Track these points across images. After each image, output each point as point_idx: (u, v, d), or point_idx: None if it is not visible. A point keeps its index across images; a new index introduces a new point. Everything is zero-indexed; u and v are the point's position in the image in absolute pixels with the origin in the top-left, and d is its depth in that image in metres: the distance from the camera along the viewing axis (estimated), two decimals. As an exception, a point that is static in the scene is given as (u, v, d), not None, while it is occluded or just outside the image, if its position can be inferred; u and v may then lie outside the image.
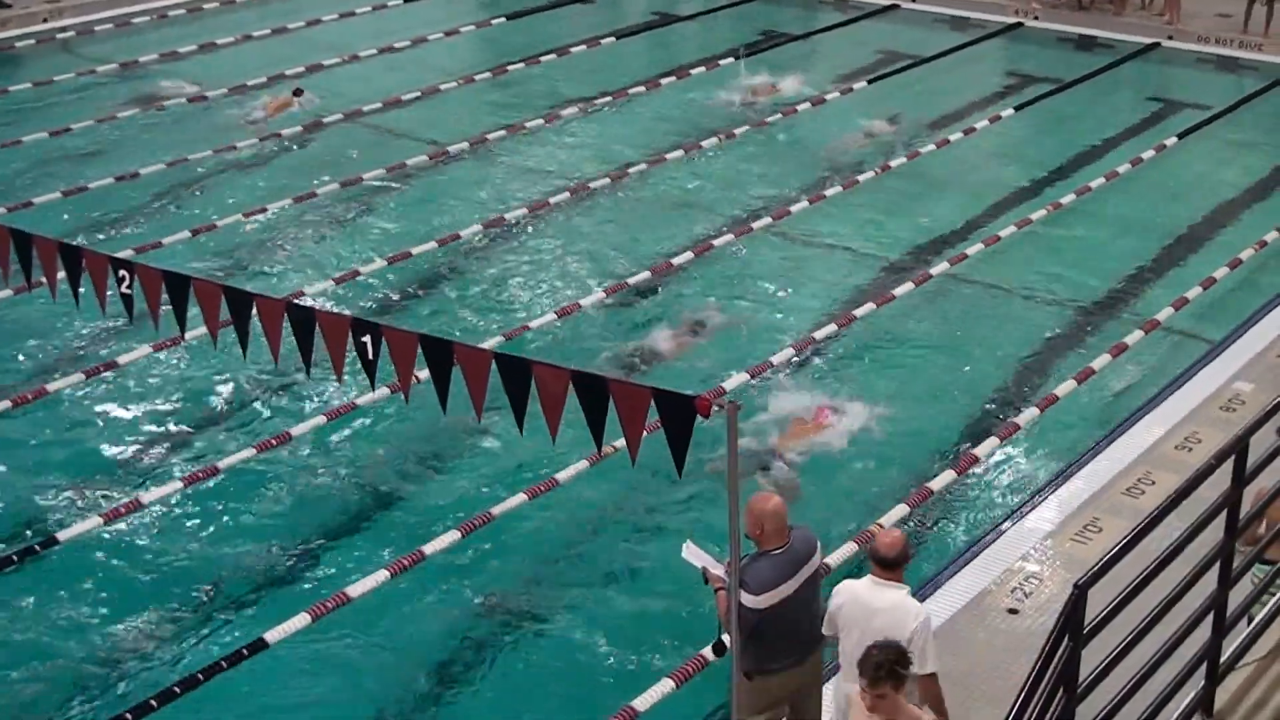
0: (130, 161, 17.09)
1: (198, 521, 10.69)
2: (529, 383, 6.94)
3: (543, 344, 13.21)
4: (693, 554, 7.23)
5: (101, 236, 15.19)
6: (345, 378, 8.13)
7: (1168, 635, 6.85)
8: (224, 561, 10.27)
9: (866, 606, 7.09)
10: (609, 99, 19.91)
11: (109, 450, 11.64)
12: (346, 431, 11.79)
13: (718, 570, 7.11)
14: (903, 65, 21.75)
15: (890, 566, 7.09)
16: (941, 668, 8.56)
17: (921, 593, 9.45)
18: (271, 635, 9.06)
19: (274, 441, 11.32)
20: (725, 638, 7.10)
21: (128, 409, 12.18)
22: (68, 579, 10.00)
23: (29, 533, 10.39)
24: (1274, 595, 7.92)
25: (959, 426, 12.13)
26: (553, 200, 16.45)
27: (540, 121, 18.98)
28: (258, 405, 12.29)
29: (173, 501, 10.76)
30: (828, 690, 8.09)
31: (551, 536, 10.58)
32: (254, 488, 11.06)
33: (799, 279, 14.89)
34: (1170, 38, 22.74)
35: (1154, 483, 10.45)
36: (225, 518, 10.74)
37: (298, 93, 19.55)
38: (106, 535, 10.36)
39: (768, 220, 15.95)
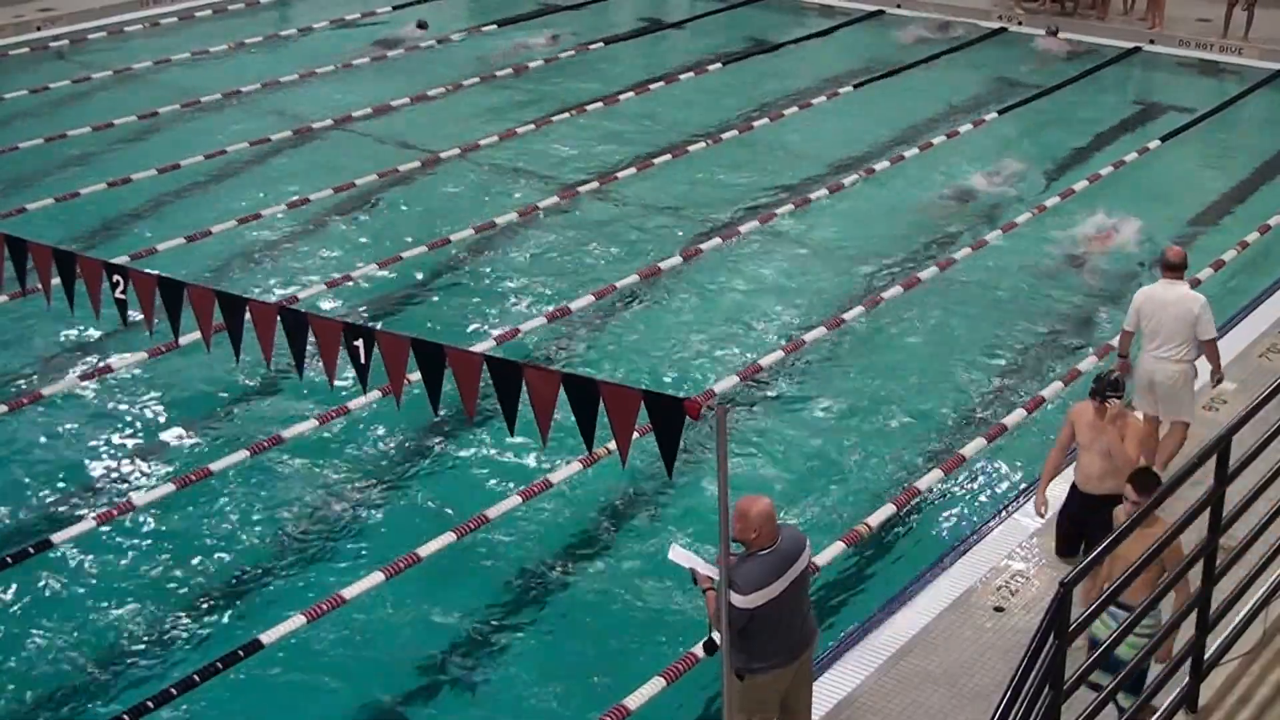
0: (124, 168, 17.14)
1: (191, 524, 10.73)
2: (520, 385, 7.03)
3: (533, 347, 13.31)
4: (679, 555, 7.26)
5: (96, 242, 15.24)
6: (338, 381, 8.18)
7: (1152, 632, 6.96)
8: (218, 563, 10.33)
9: (1161, 300, 10.08)
10: (599, 104, 20.00)
11: (103, 453, 11.68)
12: (339, 434, 11.86)
13: (706, 570, 7.17)
14: (888, 70, 21.91)
15: (1177, 269, 10.15)
16: (930, 665, 8.73)
17: (908, 591, 9.60)
18: (267, 636, 9.11)
19: (266, 444, 11.37)
20: (715, 636, 7.17)
21: (121, 413, 12.23)
22: (63, 582, 10.05)
23: (23, 536, 10.43)
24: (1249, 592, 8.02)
25: (946, 426, 12.24)
26: (542, 204, 16.54)
27: (530, 127, 19.07)
28: (250, 409, 12.36)
29: (166, 504, 10.81)
30: (819, 689, 8.21)
31: (544, 537, 10.66)
32: (247, 490, 11.11)
33: (785, 281, 14.98)
34: (1152, 42, 22.92)
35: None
36: (219, 521, 10.79)
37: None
38: (100, 538, 10.41)
39: (754, 224, 16.06)
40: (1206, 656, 7.52)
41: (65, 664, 9.32)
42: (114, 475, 11.39)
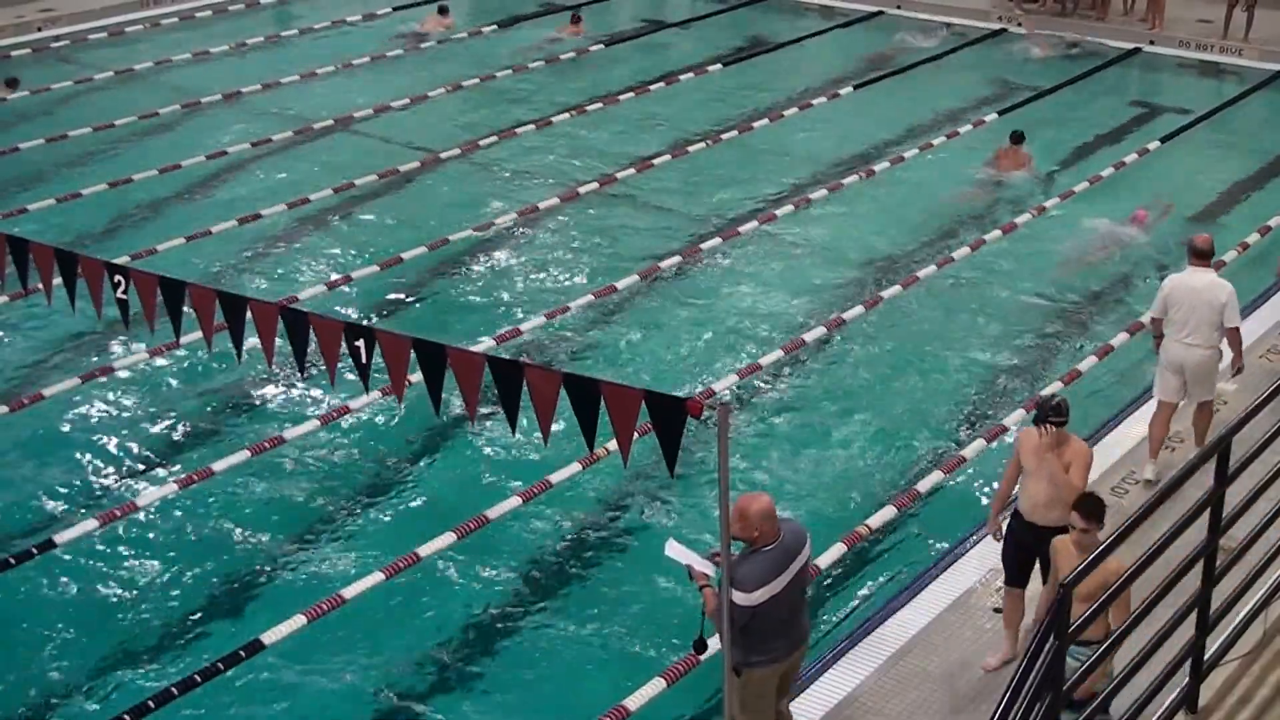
0: (125, 168, 17.14)
1: (193, 524, 10.75)
2: (521, 385, 7.04)
3: (533, 347, 13.32)
4: (677, 552, 7.24)
5: (97, 242, 15.25)
6: (339, 381, 8.20)
7: (1152, 633, 6.95)
8: (219, 564, 10.34)
9: (1191, 287, 10.31)
10: (599, 105, 20.02)
11: (105, 454, 11.69)
12: (340, 434, 11.87)
13: (702, 567, 7.17)
14: (888, 71, 21.94)
15: (1205, 256, 10.42)
16: (930, 665, 8.74)
17: (907, 591, 9.61)
18: (267, 637, 9.12)
19: (268, 444, 11.38)
20: (713, 638, 7.19)
21: (123, 413, 12.25)
22: (65, 582, 10.06)
23: (26, 536, 10.45)
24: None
25: (946, 428, 12.26)
26: (542, 205, 16.56)
27: (530, 127, 19.09)
28: (252, 408, 12.37)
29: (168, 504, 10.83)
30: (819, 688, 8.18)
31: (544, 538, 10.67)
32: (248, 491, 11.12)
33: (785, 281, 15.01)
34: (1152, 43, 22.95)
35: (1138, 481, 10.59)
36: (220, 520, 10.80)
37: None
38: (102, 538, 10.42)
39: (754, 224, 16.07)
40: (1206, 657, 7.52)
41: (66, 664, 9.33)
42: (116, 475, 11.40)
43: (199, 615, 9.81)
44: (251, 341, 8.29)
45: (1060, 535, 7.85)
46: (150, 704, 8.53)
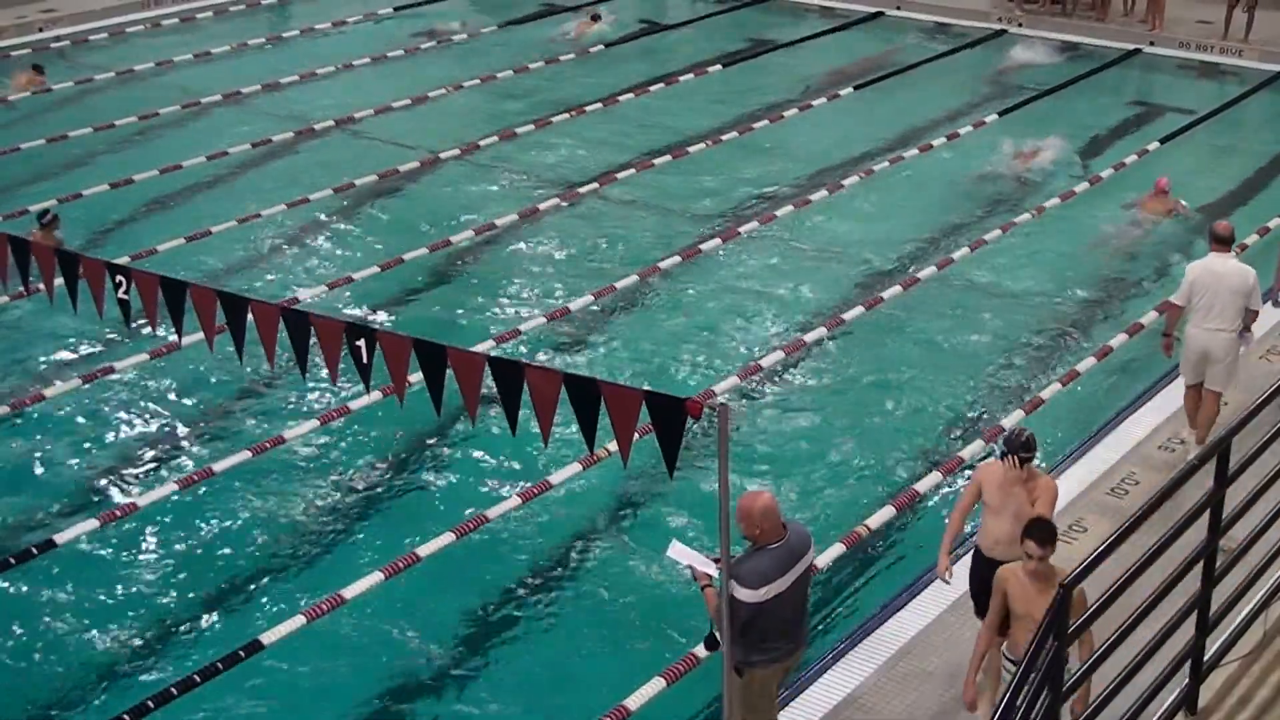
0: (125, 168, 17.14)
1: (193, 525, 10.75)
2: (521, 385, 7.05)
3: (533, 347, 13.33)
4: (679, 553, 7.27)
5: (98, 242, 15.26)
6: (340, 381, 8.22)
7: (1151, 634, 6.95)
8: (219, 564, 10.35)
9: (1215, 272, 10.42)
10: (599, 104, 20.03)
11: (106, 454, 11.70)
12: (341, 434, 11.88)
13: (705, 568, 7.19)
14: (888, 72, 21.95)
15: (1226, 242, 10.53)
16: (930, 665, 8.74)
17: (909, 591, 9.61)
18: (267, 637, 9.12)
19: (269, 444, 11.38)
20: (717, 633, 7.21)
21: (124, 413, 12.25)
22: (65, 582, 10.06)
23: (26, 536, 10.45)
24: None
25: (945, 428, 12.26)
26: (542, 206, 16.56)
27: (530, 128, 19.09)
28: (253, 408, 12.38)
29: (169, 505, 10.82)
30: (818, 689, 8.18)
31: (544, 538, 10.67)
32: (249, 491, 11.13)
33: (785, 281, 15.01)
34: (1152, 44, 22.96)
35: (1138, 483, 10.59)
36: (220, 521, 10.81)
37: (595, 18, 23.78)
38: (103, 539, 10.43)
39: (754, 225, 16.08)
40: (1206, 658, 7.52)
41: (66, 664, 9.34)
42: (117, 475, 11.40)
43: (199, 615, 9.82)
44: (252, 342, 8.29)
45: (1007, 565, 7.57)
46: (150, 704, 8.53)
